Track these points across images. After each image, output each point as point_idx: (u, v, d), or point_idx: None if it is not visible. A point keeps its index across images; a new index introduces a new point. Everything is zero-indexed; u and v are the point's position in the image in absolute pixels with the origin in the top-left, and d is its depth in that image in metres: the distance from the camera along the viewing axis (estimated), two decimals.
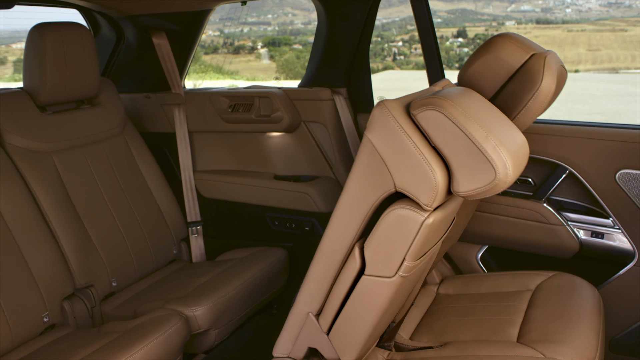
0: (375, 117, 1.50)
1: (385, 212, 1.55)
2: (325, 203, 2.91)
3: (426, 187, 1.46)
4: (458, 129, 1.43)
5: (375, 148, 1.50)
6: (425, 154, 1.45)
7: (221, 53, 22.96)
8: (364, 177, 1.55)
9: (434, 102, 1.46)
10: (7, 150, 2.46)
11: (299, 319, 1.83)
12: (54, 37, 2.50)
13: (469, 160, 1.44)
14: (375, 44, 16.52)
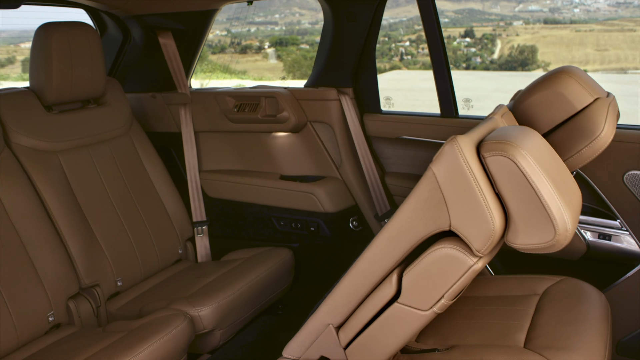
0: (445, 152, 1.45)
1: (432, 248, 1.52)
2: (331, 203, 2.91)
3: (482, 233, 1.43)
4: (527, 182, 1.39)
5: (438, 183, 1.46)
6: (489, 199, 1.42)
7: (228, 53, 22.98)
8: (420, 210, 1.51)
9: (507, 150, 1.41)
10: (13, 150, 2.46)
11: (318, 327, 1.79)
12: (60, 37, 2.50)
13: (531, 215, 1.41)
14: (382, 44, 16.48)
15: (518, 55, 15.30)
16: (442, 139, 2.74)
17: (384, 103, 2.96)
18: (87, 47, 2.60)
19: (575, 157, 1.87)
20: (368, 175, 2.89)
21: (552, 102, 1.92)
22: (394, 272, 1.60)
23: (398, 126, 2.85)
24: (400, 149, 2.91)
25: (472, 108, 3.04)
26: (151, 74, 3.22)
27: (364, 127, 2.94)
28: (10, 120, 2.47)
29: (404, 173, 2.94)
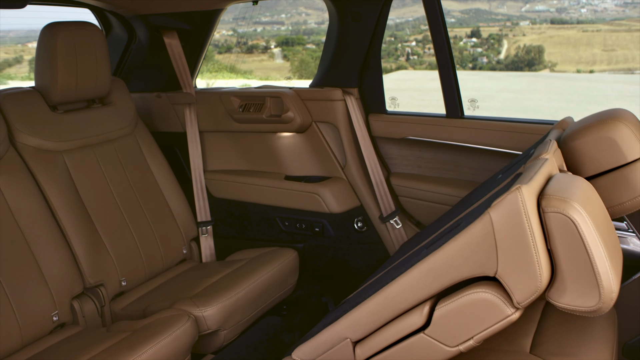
0: (507, 201, 1.40)
1: (472, 289, 1.48)
2: (336, 204, 2.90)
3: (527, 287, 1.39)
4: (582, 245, 1.36)
5: (494, 230, 1.42)
6: (541, 254, 1.38)
7: (234, 52, 22.99)
8: (468, 251, 1.47)
9: (568, 210, 1.37)
10: (18, 149, 2.47)
11: (335, 338, 1.76)
12: (65, 37, 2.50)
13: (580, 278, 1.38)
14: (388, 44, 16.45)
15: (525, 56, 15.24)
16: (447, 139, 2.73)
17: (389, 103, 2.95)
18: (92, 47, 2.60)
19: (616, 208, 1.84)
20: (373, 175, 2.88)
21: (603, 148, 1.87)
22: (427, 303, 1.57)
23: (403, 126, 2.84)
24: (406, 149, 2.90)
25: (477, 108, 3.02)
26: (156, 74, 3.22)
27: (369, 127, 2.93)
28: (15, 120, 2.47)
29: (409, 174, 2.93)
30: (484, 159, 2.72)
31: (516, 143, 2.58)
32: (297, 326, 2.66)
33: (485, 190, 2.08)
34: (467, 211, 1.90)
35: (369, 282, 2.15)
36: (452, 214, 2.30)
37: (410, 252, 2.08)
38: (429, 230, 2.37)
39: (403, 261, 1.91)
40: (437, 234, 1.96)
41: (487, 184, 2.26)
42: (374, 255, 2.90)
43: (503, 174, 2.14)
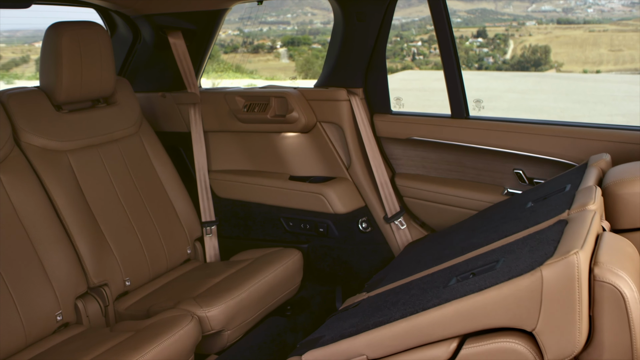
0: (564, 265, 1.37)
1: (504, 337, 1.45)
2: (341, 204, 2.89)
3: (562, 348, 1.38)
4: (627, 322, 1.35)
5: (542, 288, 1.39)
6: (583, 320, 1.36)
7: (240, 52, 23.02)
8: (511, 303, 1.43)
9: (620, 283, 1.35)
10: (23, 149, 2.47)
11: (351, 352, 1.71)
12: (70, 36, 2.50)
13: (617, 350, 1.37)
14: (394, 44, 16.44)
15: (531, 56, 15.21)
16: (452, 140, 2.72)
17: (394, 103, 2.94)
18: (97, 47, 2.60)
19: None
20: (378, 176, 2.87)
21: None
22: (455, 340, 1.53)
23: (408, 127, 2.83)
24: (411, 149, 2.89)
25: (483, 109, 3.01)
26: (161, 74, 3.22)
27: (373, 127, 2.92)
28: (20, 120, 2.48)
29: (414, 174, 2.92)
30: (489, 160, 2.70)
31: (521, 144, 2.57)
32: (301, 326, 2.66)
33: (515, 217, 2.02)
34: (500, 242, 1.85)
35: (386, 286, 2.11)
36: (474, 227, 2.25)
37: (432, 268, 2.00)
38: (446, 240, 2.32)
39: (427, 282, 1.84)
40: (465, 259, 1.89)
41: (515, 208, 2.19)
42: (378, 255, 2.89)
43: (534, 203, 2.10)
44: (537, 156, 2.55)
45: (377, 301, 1.96)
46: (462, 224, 2.47)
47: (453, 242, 2.21)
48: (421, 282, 1.89)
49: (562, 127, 2.51)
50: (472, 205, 2.72)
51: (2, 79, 21.14)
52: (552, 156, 2.51)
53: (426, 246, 2.47)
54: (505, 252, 1.69)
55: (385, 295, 1.98)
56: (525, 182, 2.64)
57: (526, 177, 2.64)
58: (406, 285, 1.95)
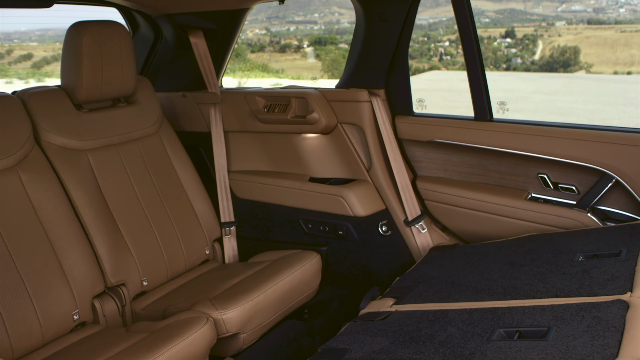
0: None
1: None
2: (360, 207, 2.85)
3: None
4: None
5: None
6: None
7: (267, 51, 23.08)
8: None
9: None
10: (43, 148, 2.47)
11: None
12: (91, 36, 2.50)
13: None
14: (421, 44, 16.31)
15: (560, 57, 14.97)
16: (475, 143, 2.67)
17: (417, 105, 2.90)
18: (117, 46, 2.59)
19: None
20: (399, 178, 2.83)
21: None
22: None
23: (430, 129, 2.78)
24: (432, 152, 2.84)
25: (507, 111, 2.94)
26: (182, 73, 3.21)
27: (395, 129, 2.87)
28: (40, 119, 2.48)
29: (436, 177, 2.87)
30: (513, 164, 2.64)
31: (546, 148, 2.50)
32: (318, 331, 2.62)
33: (564, 271, 1.95)
34: (549, 301, 1.77)
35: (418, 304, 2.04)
36: (514, 261, 2.17)
37: (471, 302, 1.93)
38: (482, 265, 2.22)
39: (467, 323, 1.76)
40: (509, 305, 1.81)
41: (561, 254, 2.12)
42: (398, 260, 2.85)
43: (585, 257, 2.03)
44: (562, 160, 2.49)
45: (409, 323, 1.88)
46: (499, 249, 2.38)
47: (492, 274, 2.13)
48: (460, 319, 1.81)
49: (590, 130, 2.44)
50: (494, 209, 2.67)
51: (33, 77, 21.50)
52: (579, 161, 2.45)
53: (456, 261, 2.38)
54: (556, 318, 1.61)
55: (418, 318, 1.91)
56: (550, 186, 2.58)
57: (551, 182, 2.57)
58: (442, 316, 1.87)
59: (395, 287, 2.30)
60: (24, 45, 26.11)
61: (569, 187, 2.54)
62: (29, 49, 25.84)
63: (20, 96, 2.51)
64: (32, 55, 25.14)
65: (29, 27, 25.63)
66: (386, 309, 2.09)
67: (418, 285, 2.23)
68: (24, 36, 26.55)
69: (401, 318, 1.96)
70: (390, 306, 2.11)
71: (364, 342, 1.84)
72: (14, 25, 25.64)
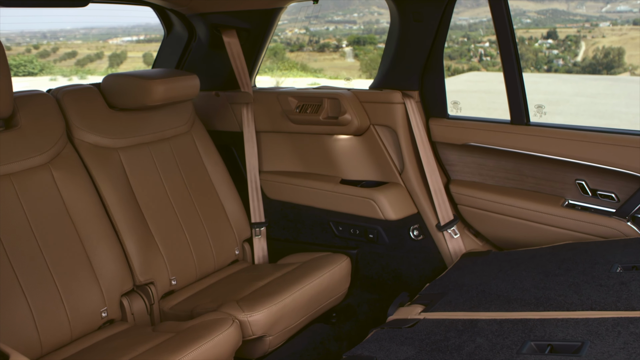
0: None
1: None
2: (392, 211, 2.80)
3: None
4: None
5: None
6: None
7: (306, 51, 23.17)
8: None
9: None
10: (76, 146, 2.49)
11: None
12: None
13: None
14: (461, 44, 16.15)
15: (603, 58, 14.63)
16: (511, 147, 2.60)
17: (451, 107, 2.84)
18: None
19: None
20: (431, 182, 2.77)
21: None
22: None
23: (465, 132, 2.72)
24: (467, 156, 2.77)
25: (545, 115, 2.86)
26: (215, 72, 3.21)
27: (429, 132, 2.82)
28: (74, 117, 2.50)
29: (470, 181, 2.81)
30: (550, 169, 2.57)
31: (585, 153, 2.42)
32: (346, 335, 2.59)
33: (600, 283, 1.89)
34: (583, 314, 1.71)
35: (447, 312, 1.99)
36: (547, 270, 2.11)
37: (501, 313, 1.88)
38: (515, 274, 2.16)
39: (496, 334, 1.70)
40: (541, 317, 1.75)
41: (598, 265, 2.05)
42: (429, 265, 2.79)
43: (623, 269, 1.97)
44: (602, 167, 2.40)
45: (437, 332, 1.83)
46: (533, 257, 2.31)
47: (524, 283, 2.07)
48: (489, 330, 1.76)
49: (632, 136, 2.35)
50: (530, 216, 2.59)
51: (76, 74, 21.98)
52: (619, 167, 2.36)
53: (488, 268, 2.33)
54: (591, 333, 1.54)
55: (447, 327, 1.86)
56: (588, 193, 2.49)
57: (589, 189, 2.49)
58: (471, 325, 1.82)
59: (425, 294, 2.25)
60: (69, 43, 26.72)
61: (608, 195, 2.45)
62: (74, 46, 26.44)
63: (55, 94, 2.53)
64: (76, 53, 25.71)
65: (74, 26, 26.23)
66: (414, 316, 2.05)
67: (448, 292, 2.18)
68: (69, 34, 27.20)
69: (429, 326, 1.91)
70: (418, 313, 2.06)
71: (389, 350, 1.79)
72: (60, 24, 26.26)
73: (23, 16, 34.90)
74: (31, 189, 2.27)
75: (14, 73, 13.02)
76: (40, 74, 21.24)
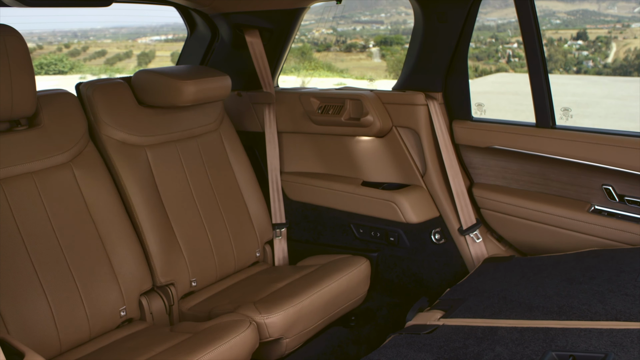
0: None
1: None
2: (413, 214, 2.77)
3: None
4: None
5: None
6: None
7: (333, 51, 23.14)
8: None
9: None
10: (103, 142, 2.49)
11: None
12: None
13: None
14: (489, 45, 15.99)
15: (634, 60, 14.36)
16: (536, 150, 2.55)
17: (475, 109, 2.79)
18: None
19: None
20: (454, 185, 2.73)
21: None
22: None
23: (489, 135, 2.67)
24: (491, 159, 2.73)
25: (571, 118, 2.80)
26: (237, 72, 3.20)
27: (452, 134, 2.78)
28: (102, 114, 2.49)
29: (493, 185, 2.76)
30: (576, 174, 2.51)
31: (612, 157, 2.36)
32: (365, 339, 2.56)
33: (625, 292, 1.84)
34: (607, 324, 1.67)
35: (466, 319, 1.95)
36: (571, 277, 2.06)
37: (522, 321, 1.84)
38: (538, 280, 2.12)
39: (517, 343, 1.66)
40: (563, 326, 1.71)
41: (624, 273, 1.99)
42: (450, 269, 2.75)
43: None
44: (630, 172, 2.34)
45: (456, 340, 1.80)
46: (556, 263, 2.26)
47: (547, 290, 2.02)
48: (509, 338, 1.72)
49: None
50: (554, 221, 2.54)
51: (105, 73, 22.26)
52: None
53: (511, 274, 2.28)
54: (615, 344, 1.50)
55: (466, 334, 1.82)
56: (615, 199, 2.43)
57: (616, 194, 2.43)
58: (491, 333, 1.78)
59: (445, 299, 2.21)
60: (99, 42, 27.07)
61: (636, 200, 2.39)
62: (103, 45, 26.78)
63: (85, 89, 2.52)
64: (106, 52, 26.02)
65: (104, 25, 26.57)
66: (433, 322, 2.01)
67: (468, 298, 2.14)
68: (99, 33, 27.56)
69: (448, 333, 1.87)
70: (437, 319, 2.03)
71: (407, 356, 1.76)
72: (91, 23, 26.62)
73: (55, 15, 35.44)
74: (52, 187, 2.28)
75: (44, 72, 13.15)
76: (70, 72, 21.54)
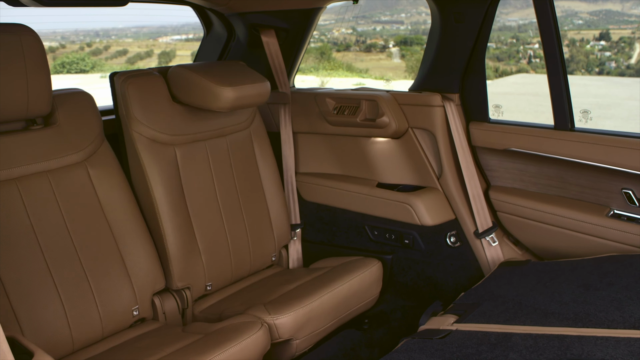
0: None
1: None
2: (428, 216, 2.74)
3: None
4: None
5: None
6: None
7: (352, 51, 23.09)
8: None
9: None
10: (133, 139, 2.46)
11: None
12: None
13: None
14: (510, 46, 15.85)
15: None
16: (554, 153, 2.51)
17: (493, 111, 2.75)
18: None
19: None
20: (470, 187, 2.70)
21: None
22: None
23: (506, 137, 2.63)
24: (508, 161, 2.69)
25: (590, 120, 2.75)
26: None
27: (469, 136, 2.74)
28: (136, 109, 2.45)
29: (510, 188, 2.72)
30: (595, 177, 2.46)
31: (632, 161, 2.31)
32: (378, 342, 2.54)
33: None
34: (625, 332, 1.64)
35: (480, 324, 1.93)
36: (589, 283, 2.03)
37: (537, 327, 1.81)
38: (554, 286, 2.08)
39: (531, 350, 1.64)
40: (579, 334, 1.68)
41: (639, 282, 1.96)
42: (465, 273, 2.72)
43: None
44: None
45: (469, 345, 1.77)
46: (574, 268, 2.22)
47: (563, 296, 1.99)
48: (524, 345, 1.69)
49: None
50: (572, 225, 2.50)
51: None
52: None
53: (526, 279, 2.24)
54: (633, 353, 1.47)
55: (479, 340, 1.79)
56: (635, 203, 2.38)
57: (636, 199, 2.38)
58: (505, 339, 1.75)
59: (459, 303, 2.18)
60: (120, 42, 27.29)
61: None
62: (125, 45, 26.99)
63: (119, 80, 2.48)
64: (127, 51, 26.23)
65: (126, 25, 26.75)
66: (446, 326, 1.98)
67: (483, 302, 2.10)
68: (120, 33, 27.77)
69: (461, 338, 1.84)
70: (451, 324, 2.00)
71: None
72: (113, 23, 26.81)
73: (78, 15, 35.76)
74: (67, 186, 2.28)
75: (66, 70, 13.21)
76: (91, 71, 21.73)
